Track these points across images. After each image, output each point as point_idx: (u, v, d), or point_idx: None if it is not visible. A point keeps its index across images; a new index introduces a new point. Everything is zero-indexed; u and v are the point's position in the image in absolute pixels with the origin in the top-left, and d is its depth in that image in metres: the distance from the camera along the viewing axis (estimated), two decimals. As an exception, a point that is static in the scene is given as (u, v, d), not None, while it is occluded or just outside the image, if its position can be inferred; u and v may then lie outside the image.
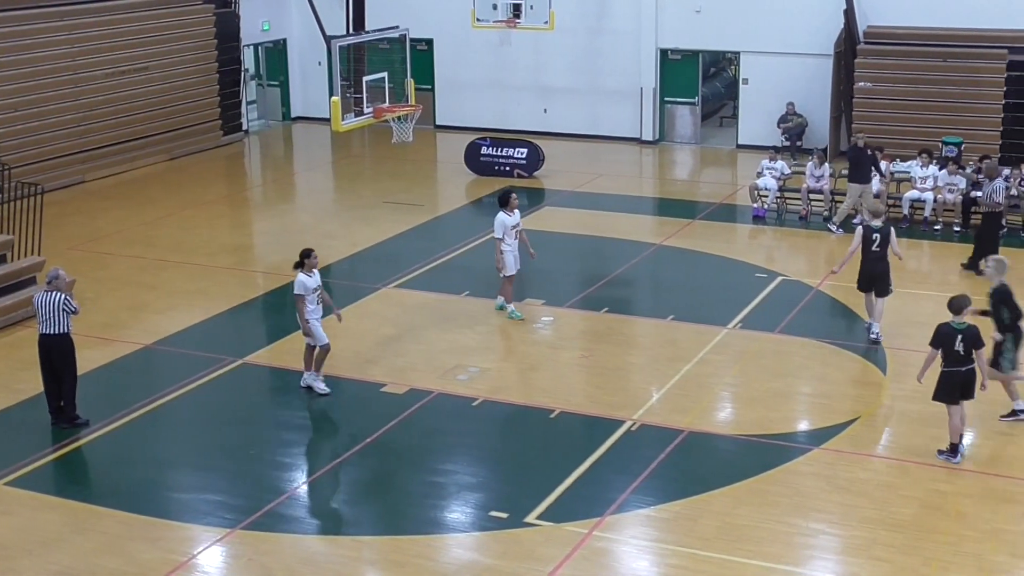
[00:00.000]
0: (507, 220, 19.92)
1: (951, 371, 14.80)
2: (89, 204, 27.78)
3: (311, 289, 16.75)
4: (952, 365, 14.77)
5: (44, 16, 29.31)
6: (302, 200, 29.53)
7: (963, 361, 14.74)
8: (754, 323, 19.69)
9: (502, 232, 19.85)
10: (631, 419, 16.15)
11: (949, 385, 14.82)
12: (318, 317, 16.90)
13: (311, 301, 16.76)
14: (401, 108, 25.94)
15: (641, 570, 12.97)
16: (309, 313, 16.74)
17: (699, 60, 33.95)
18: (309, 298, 16.75)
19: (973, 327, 14.78)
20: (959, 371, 14.78)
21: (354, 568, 12.99)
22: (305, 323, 16.77)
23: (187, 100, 32.71)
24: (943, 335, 14.76)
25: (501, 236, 19.86)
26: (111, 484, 14.96)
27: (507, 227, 19.87)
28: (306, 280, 16.71)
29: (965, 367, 14.77)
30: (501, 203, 20.20)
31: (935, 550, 12.93)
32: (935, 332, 14.85)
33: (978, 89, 29.19)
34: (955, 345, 14.67)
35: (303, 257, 16.81)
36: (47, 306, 15.93)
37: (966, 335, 14.68)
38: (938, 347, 14.80)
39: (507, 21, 28.41)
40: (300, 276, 16.74)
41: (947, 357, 14.78)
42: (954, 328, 14.74)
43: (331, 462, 15.23)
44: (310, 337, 16.90)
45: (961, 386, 14.82)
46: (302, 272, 16.75)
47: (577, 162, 31.55)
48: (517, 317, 19.79)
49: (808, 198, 26.01)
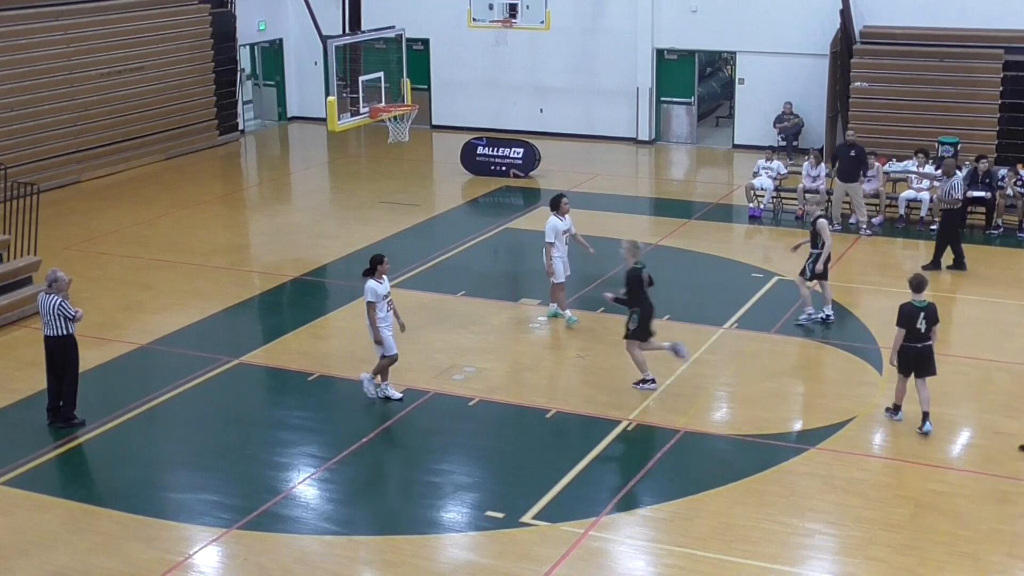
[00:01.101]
0: (559, 225, 19.36)
1: (909, 346, 15.59)
2: (85, 204, 27.76)
3: (382, 296, 16.50)
4: (911, 341, 15.55)
5: (40, 16, 29.28)
6: (298, 200, 29.51)
7: (922, 338, 15.55)
8: (750, 323, 19.70)
9: (553, 236, 19.25)
10: (627, 419, 16.16)
11: (904, 357, 15.65)
12: (388, 324, 16.65)
13: (381, 308, 16.53)
14: (397, 108, 25.96)
15: (637, 570, 12.97)
16: (380, 320, 16.51)
17: (695, 60, 33.97)
18: (380, 305, 16.50)
19: (933, 305, 15.67)
20: (915, 346, 15.58)
21: (350, 568, 12.99)
22: (377, 331, 16.47)
23: (183, 100, 32.70)
24: (907, 314, 15.53)
25: (552, 241, 19.26)
26: (107, 484, 14.97)
27: (559, 232, 19.31)
28: (377, 287, 16.37)
29: (922, 343, 15.57)
30: (552, 207, 19.60)
31: (931, 550, 12.94)
32: (900, 312, 15.60)
33: (974, 89, 29.21)
34: (918, 323, 15.46)
35: (375, 263, 16.49)
36: (45, 309, 15.91)
37: (928, 313, 15.48)
38: (904, 327, 15.53)
39: (503, 21, 28.44)
40: (371, 283, 16.37)
41: (909, 334, 15.55)
42: (916, 307, 15.55)
43: (327, 462, 15.22)
44: (381, 346, 16.64)
45: (915, 360, 15.64)
46: (373, 279, 16.45)
47: (573, 162, 31.56)
48: (573, 322, 19.53)
49: (804, 198, 25.98)
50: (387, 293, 16.59)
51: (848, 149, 25.08)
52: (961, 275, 22.01)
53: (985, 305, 20.90)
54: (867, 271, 22.68)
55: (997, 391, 17.07)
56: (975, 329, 20.24)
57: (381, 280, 16.49)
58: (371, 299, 16.33)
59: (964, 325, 20.49)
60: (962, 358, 18.44)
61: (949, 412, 16.40)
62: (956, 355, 18.55)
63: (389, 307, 16.63)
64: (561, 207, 19.45)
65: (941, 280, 21.99)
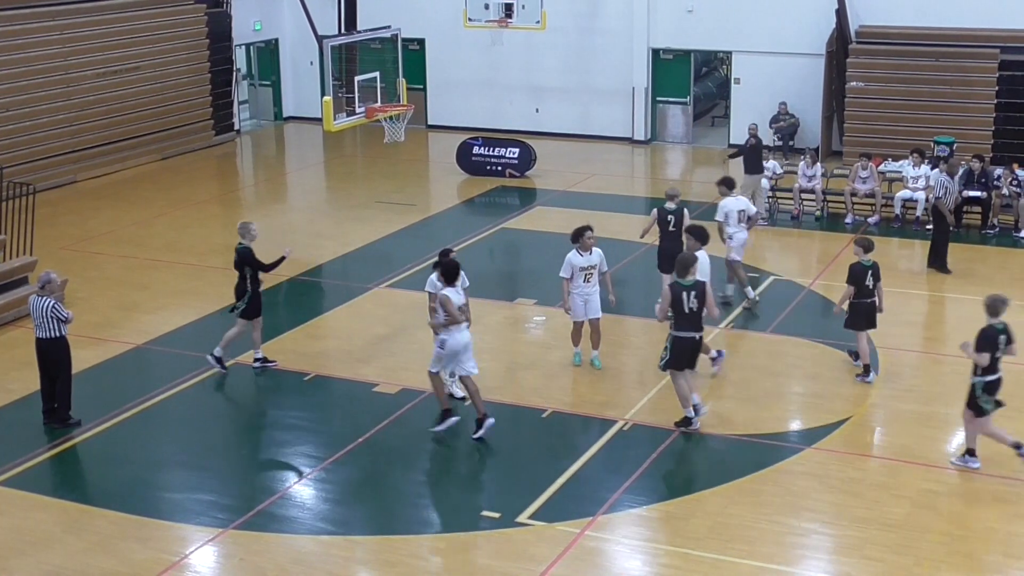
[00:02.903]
0: (577, 261, 17.45)
1: (860, 302, 17.02)
2: (81, 204, 27.75)
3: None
4: (861, 297, 16.98)
5: (36, 16, 29.27)
6: (294, 200, 29.51)
7: (870, 294, 17.03)
8: (746, 323, 19.70)
9: (569, 272, 17.48)
10: (623, 419, 16.16)
11: (859, 314, 17.09)
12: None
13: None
14: (393, 108, 25.98)
15: (633, 570, 12.98)
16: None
17: (691, 60, 33.99)
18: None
19: (877, 264, 17.15)
20: (865, 302, 17.06)
21: (346, 568, 12.98)
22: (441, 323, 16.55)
23: (179, 100, 32.69)
24: (857, 273, 16.96)
25: (567, 276, 17.52)
26: (103, 484, 14.95)
27: (576, 268, 17.44)
28: (436, 279, 16.41)
29: (870, 299, 17.06)
30: (573, 239, 17.68)
31: (928, 549, 12.95)
32: (850, 271, 17.05)
33: (970, 89, 29.25)
34: (866, 280, 16.91)
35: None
36: (38, 311, 15.89)
37: (873, 270, 17.04)
38: (854, 284, 16.96)
39: (499, 21, 28.41)
40: (432, 276, 16.50)
41: (859, 291, 16.94)
42: (864, 266, 16.99)
43: (323, 462, 15.21)
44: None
45: (866, 314, 17.15)
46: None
47: (569, 162, 31.57)
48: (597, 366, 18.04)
49: (800, 198, 26.04)
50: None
51: (749, 141, 26.01)
52: (958, 275, 21.99)
53: (981, 305, 20.85)
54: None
55: (993, 391, 17.06)
56: (971, 329, 20.18)
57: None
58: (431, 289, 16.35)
59: (960, 325, 20.45)
60: (958, 358, 18.42)
61: (945, 412, 16.41)
62: (952, 355, 18.54)
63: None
64: (584, 241, 17.43)
65: (939, 280, 22.01)
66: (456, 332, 15.35)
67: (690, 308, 15.36)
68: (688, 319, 15.40)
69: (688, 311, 15.36)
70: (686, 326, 15.43)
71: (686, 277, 15.40)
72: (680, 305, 15.32)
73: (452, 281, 15.54)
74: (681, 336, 15.48)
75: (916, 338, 19.04)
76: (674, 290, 15.37)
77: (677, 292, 15.34)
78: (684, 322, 15.41)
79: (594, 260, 17.53)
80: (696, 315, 15.43)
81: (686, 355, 15.60)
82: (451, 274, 15.57)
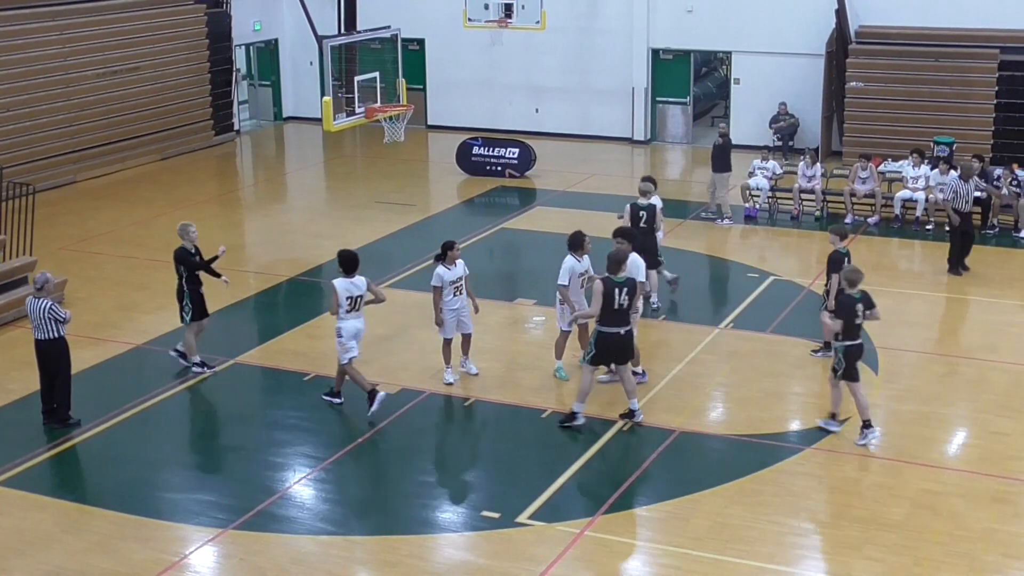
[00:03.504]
0: (576, 266, 16.92)
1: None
2: (81, 204, 27.74)
3: (448, 282, 16.95)
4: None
5: (36, 16, 29.27)
6: (294, 200, 29.50)
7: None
8: (746, 323, 19.71)
9: (567, 279, 16.82)
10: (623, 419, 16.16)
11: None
12: (453, 308, 17.04)
13: (448, 293, 16.95)
14: (393, 108, 25.98)
15: (633, 570, 12.98)
16: (445, 304, 16.93)
17: (691, 60, 34.00)
18: (447, 290, 16.95)
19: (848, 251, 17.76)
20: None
21: (346, 568, 12.98)
22: (439, 313, 17.00)
23: (179, 100, 32.69)
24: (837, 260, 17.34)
25: (565, 283, 16.84)
26: (103, 484, 14.95)
27: (575, 274, 16.89)
28: (444, 273, 16.90)
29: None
30: (572, 246, 17.08)
31: (927, 550, 12.95)
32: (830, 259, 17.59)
33: (970, 89, 29.26)
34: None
35: (446, 249, 16.99)
36: (36, 312, 15.88)
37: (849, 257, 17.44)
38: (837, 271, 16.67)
39: (499, 21, 28.41)
40: (440, 268, 16.91)
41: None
42: (841, 253, 17.56)
43: (323, 462, 15.21)
44: (441, 328, 17.15)
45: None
46: (443, 264, 16.94)
47: (569, 162, 31.57)
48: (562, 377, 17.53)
49: (800, 198, 26.04)
50: (455, 279, 16.98)
51: (717, 140, 26.42)
52: (957, 275, 22.00)
53: (980, 305, 20.92)
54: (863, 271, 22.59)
55: (993, 391, 17.08)
56: (970, 328, 20.28)
57: (451, 267, 16.98)
58: (436, 283, 16.86)
59: (960, 325, 20.53)
60: (957, 358, 18.47)
61: (944, 412, 16.43)
62: (951, 355, 18.58)
63: (457, 292, 17.04)
64: (584, 246, 17.03)
65: (938, 280, 22.02)
66: (351, 319, 16.33)
67: (620, 304, 15.46)
68: (616, 315, 15.50)
69: (618, 307, 15.46)
70: (613, 322, 15.53)
71: (618, 274, 15.52)
72: (611, 301, 15.41)
73: (350, 272, 16.26)
74: (607, 332, 15.56)
75: (916, 338, 19.03)
76: (607, 286, 15.46)
77: (610, 288, 15.44)
78: (611, 318, 15.51)
79: (588, 265, 17.12)
80: (624, 312, 15.54)
81: (612, 351, 15.69)
82: (348, 265, 16.31)
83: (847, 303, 15.37)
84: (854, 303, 15.34)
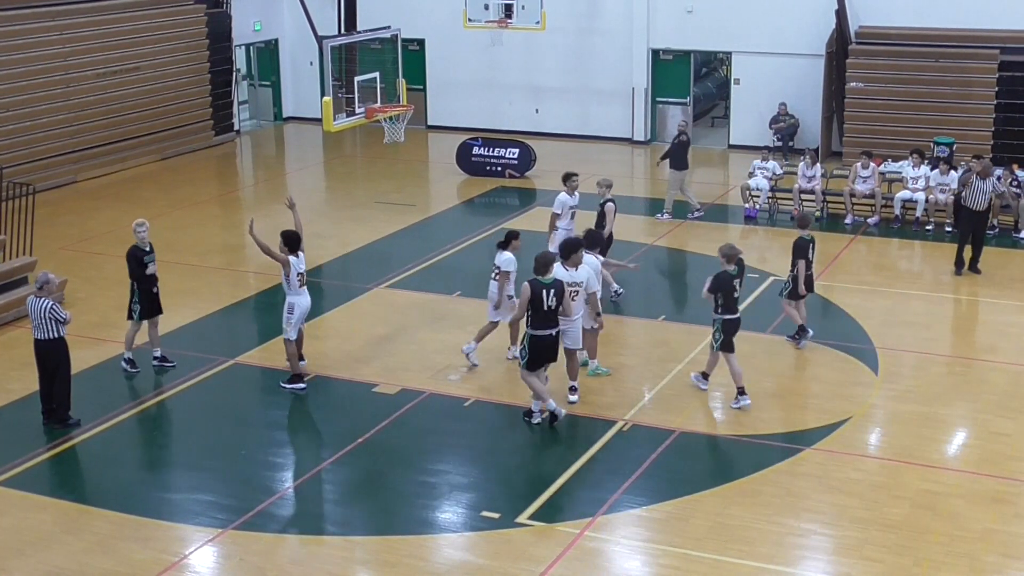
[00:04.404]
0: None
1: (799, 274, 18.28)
2: (81, 204, 27.74)
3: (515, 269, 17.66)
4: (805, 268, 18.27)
5: (36, 16, 29.28)
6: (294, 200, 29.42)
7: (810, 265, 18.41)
8: (746, 323, 19.60)
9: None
10: (623, 419, 16.16)
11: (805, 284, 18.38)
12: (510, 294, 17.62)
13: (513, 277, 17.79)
14: (393, 108, 25.97)
15: (633, 570, 12.98)
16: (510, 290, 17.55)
17: (691, 60, 34.00)
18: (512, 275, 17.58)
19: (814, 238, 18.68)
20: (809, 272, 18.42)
21: (346, 568, 12.98)
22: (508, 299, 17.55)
23: (179, 100, 32.69)
24: (801, 247, 18.36)
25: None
26: (102, 484, 14.95)
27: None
28: (512, 259, 17.62)
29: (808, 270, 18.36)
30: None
31: (927, 550, 12.95)
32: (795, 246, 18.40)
33: (969, 89, 29.26)
34: (808, 254, 18.37)
35: (509, 238, 17.74)
36: (37, 312, 15.88)
37: (813, 244, 18.52)
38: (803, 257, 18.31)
39: (499, 21, 28.42)
40: (506, 254, 17.59)
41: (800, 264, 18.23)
42: (805, 240, 18.43)
43: (323, 462, 15.21)
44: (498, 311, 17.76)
45: (807, 283, 18.49)
46: (507, 251, 17.65)
47: (569, 162, 31.39)
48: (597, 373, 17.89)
49: (800, 198, 26.04)
50: None
51: (678, 138, 26.58)
52: (957, 275, 22.00)
53: (981, 305, 20.93)
54: (862, 271, 22.69)
55: (993, 391, 17.08)
56: (970, 329, 20.29)
57: None
58: (508, 268, 17.51)
59: (960, 325, 20.53)
60: (957, 358, 18.47)
61: (944, 412, 16.43)
62: (951, 355, 18.59)
63: None
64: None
65: (937, 281, 22.02)
66: (304, 296, 17.13)
67: (549, 306, 15.51)
68: (545, 317, 15.56)
69: (547, 309, 15.51)
70: (543, 324, 15.58)
71: (546, 275, 15.57)
72: (539, 303, 15.45)
73: (295, 250, 16.98)
74: (538, 335, 15.60)
75: (916, 338, 19.03)
76: (534, 288, 15.49)
77: (537, 290, 15.48)
78: (541, 320, 15.57)
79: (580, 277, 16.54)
80: (553, 313, 15.59)
81: (545, 353, 15.74)
82: (293, 242, 17.07)
83: (724, 278, 16.34)
84: (731, 278, 16.35)
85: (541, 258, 15.72)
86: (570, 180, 20.49)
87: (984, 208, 22.24)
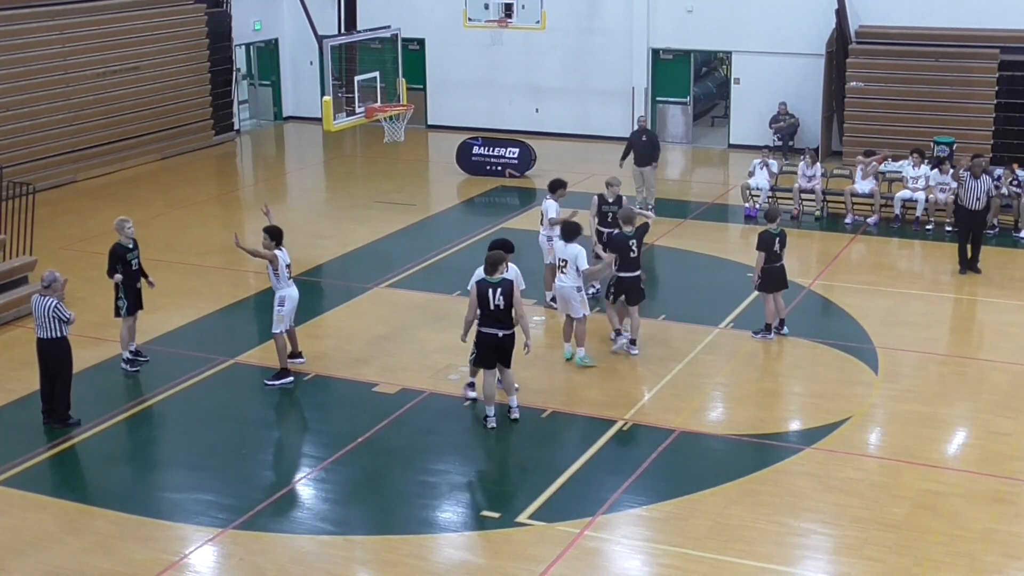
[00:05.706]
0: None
1: (769, 267, 18.56)
2: (80, 204, 27.74)
3: None
4: (770, 263, 18.55)
5: (35, 16, 29.26)
6: (294, 200, 29.49)
7: (778, 259, 18.63)
8: (746, 323, 19.69)
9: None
10: (623, 419, 16.16)
11: (767, 278, 18.61)
12: None
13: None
14: (393, 108, 25.98)
15: (633, 570, 12.97)
16: None
17: (691, 60, 33.99)
18: None
19: (784, 231, 18.81)
20: (774, 267, 18.60)
21: (346, 567, 12.98)
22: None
23: (178, 100, 32.67)
24: (765, 240, 18.53)
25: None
26: (103, 484, 14.95)
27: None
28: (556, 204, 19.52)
29: (778, 263, 18.63)
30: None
31: (927, 550, 12.95)
32: (759, 239, 18.63)
33: (970, 89, 29.26)
34: (774, 246, 18.52)
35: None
36: (41, 311, 15.88)
37: (781, 237, 18.61)
38: (764, 250, 18.52)
39: (499, 21, 28.40)
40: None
41: (768, 257, 18.53)
42: (772, 233, 18.54)
43: (323, 461, 15.21)
44: None
45: (776, 278, 18.69)
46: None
47: (569, 162, 31.53)
48: None
49: (800, 198, 26.03)
50: None
51: (640, 135, 26.48)
52: (957, 275, 22.00)
53: (981, 305, 20.93)
54: (863, 271, 22.68)
55: (993, 391, 17.08)
56: (970, 328, 20.29)
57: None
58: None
59: (960, 325, 20.52)
60: (958, 358, 18.47)
61: (945, 412, 16.43)
62: (951, 355, 18.58)
63: None
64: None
65: (937, 280, 22.02)
66: (293, 288, 17.56)
67: (495, 306, 15.52)
68: (492, 316, 15.58)
69: (493, 308, 15.52)
70: (489, 323, 15.62)
71: (494, 275, 15.62)
72: (485, 302, 15.50)
73: (279, 243, 17.56)
74: (484, 332, 15.67)
75: (916, 338, 19.03)
76: (480, 287, 15.55)
77: (483, 289, 15.53)
78: (487, 319, 15.62)
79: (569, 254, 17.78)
80: (502, 313, 15.58)
81: (491, 352, 15.74)
82: (277, 236, 17.56)
83: (620, 239, 17.78)
84: (627, 239, 17.73)
85: (490, 258, 15.79)
86: (559, 189, 20.31)
87: (981, 207, 22.24)
